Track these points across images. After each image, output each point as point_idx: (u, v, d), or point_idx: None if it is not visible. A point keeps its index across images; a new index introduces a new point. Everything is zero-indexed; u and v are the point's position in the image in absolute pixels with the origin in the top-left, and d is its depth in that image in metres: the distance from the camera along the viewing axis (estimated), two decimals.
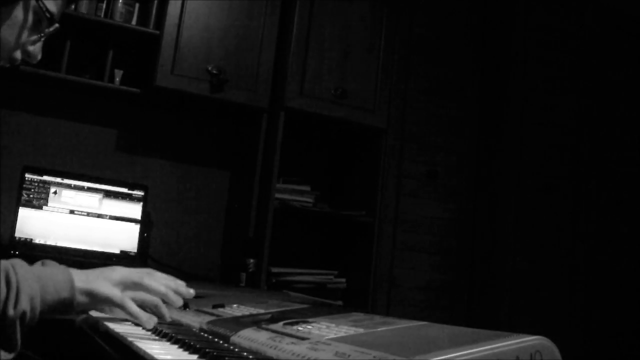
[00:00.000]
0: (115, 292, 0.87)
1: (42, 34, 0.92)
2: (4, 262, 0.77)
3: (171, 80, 2.32)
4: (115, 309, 0.95)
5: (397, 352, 0.60)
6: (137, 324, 1.05)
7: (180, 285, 0.97)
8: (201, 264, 2.63)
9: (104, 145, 2.57)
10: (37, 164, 2.31)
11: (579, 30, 3.13)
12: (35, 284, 0.78)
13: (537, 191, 2.94)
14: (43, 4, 0.88)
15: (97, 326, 0.99)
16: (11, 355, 0.74)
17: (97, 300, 0.86)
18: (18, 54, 0.91)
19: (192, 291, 0.96)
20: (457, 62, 3.07)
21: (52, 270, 0.84)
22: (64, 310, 0.83)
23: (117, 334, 0.93)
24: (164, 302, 0.97)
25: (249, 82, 2.45)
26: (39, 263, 0.89)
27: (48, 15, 0.89)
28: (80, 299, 0.84)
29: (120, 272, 0.91)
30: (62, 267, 0.85)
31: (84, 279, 0.85)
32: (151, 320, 0.91)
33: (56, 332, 1.08)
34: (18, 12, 0.86)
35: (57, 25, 0.92)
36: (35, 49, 0.93)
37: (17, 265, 0.78)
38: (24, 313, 0.75)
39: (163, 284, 0.94)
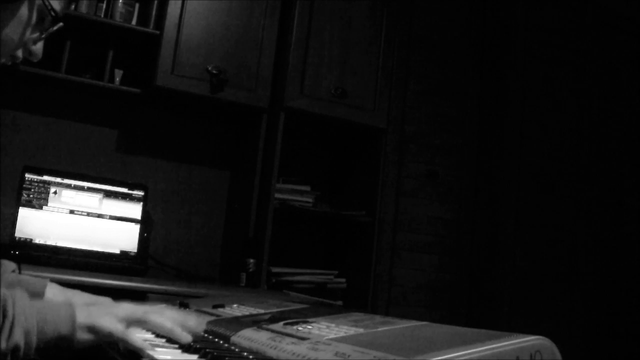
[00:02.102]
0: (117, 327, 0.84)
1: (45, 32, 0.92)
2: (5, 292, 0.76)
3: (171, 80, 2.32)
4: None
5: (397, 352, 0.60)
6: None
7: (190, 320, 0.91)
8: (201, 264, 2.63)
9: (104, 145, 2.57)
10: (37, 164, 2.31)
11: (579, 30, 3.13)
12: (32, 318, 0.76)
13: (537, 191, 2.94)
14: (48, 2, 0.87)
15: None
16: None
17: (99, 335, 0.83)
18: (20, 52, 0.91)
19: (202, 326, 0.91)
20: (457, 62, 3.07)
21: (54, 306, 0.82)
22: (64, 346, 0.81)
23: None
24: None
25: (249, 82, 2.45)
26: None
27: (53, 13, 0.89)
28: (81, 335, 0.81)
29: (125, 308, 0.88)
30: (66, 303, 0.84)
31: (86, 315, 0.83)
32: (151, 351, 0.87)
33: None
34: (23, 11, 0.86)
35: (61, 23, 0.91)
36: (38, 47, 0.93)
37: (18, 297, 0.76)
38: (16, 347, 0.73)
39: (169, 318, 0.89)
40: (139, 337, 0.87)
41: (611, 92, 3.19)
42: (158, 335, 0.94)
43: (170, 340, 0.87)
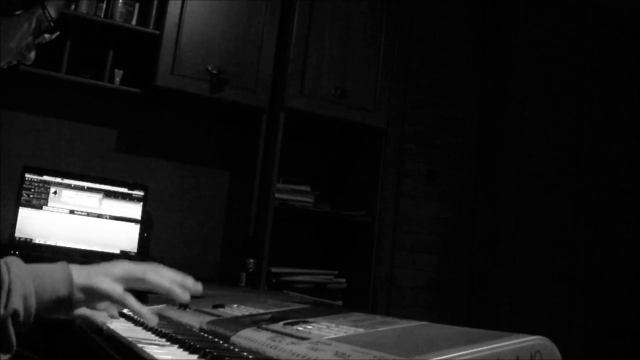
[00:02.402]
0: (116, 288, 0.83)
1: (40, 38, 0.94)
2: None
3: (171, 80, 2.32)
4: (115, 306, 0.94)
5: (397, 352, 0.60)
6: (136, 324, 1.05)
7: (188, 280, 0.91)
8: (201, 264, 2.63)
9: (104, 145, 2.57)
10: (37, 164, 2.31)
11: (579, 30, 3.13)
12: (29, 282, 0.75)
13: (537, 191, 2.94)
14: (48, 12, 0.90)
15: (96, 326, 0.99)
16: (7, 356, 0.72)
17: (97, 296, 0.83)
18: (15, 57, 0.93)
19: (200, 287, 0.90)
20: (457, 62, 3.07)
21: (50, 267, 0.80)
22: (62, 308, 0.80)
23: (117, 334, 0.93)
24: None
25: (249, 82, 2.45)
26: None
27: (52, 24, 0.91)
28: (79, 296, 0.81)
29: (122, 267, 0.86)
30: (62, 264, 0.82)
31: (84, 275, 0.81)
32: (155, 318, 0.88)
33: (55, 332, 1.08)
34: (25, 21, 0.89)
35: (58, 32, 0.94)
36: (32, 52, 0.95)
37: (12, 264, 0.75)
38: (16, 312, 0.72)
39: (168, 277, 0.89)
40: (139, 336, 0.88)
41: (611, 92, 3.19)
42: (155, 332, 0.94)
43: (171, 338, 0.87)
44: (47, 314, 0.79)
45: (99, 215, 2.31)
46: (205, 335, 0.92)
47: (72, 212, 2.27)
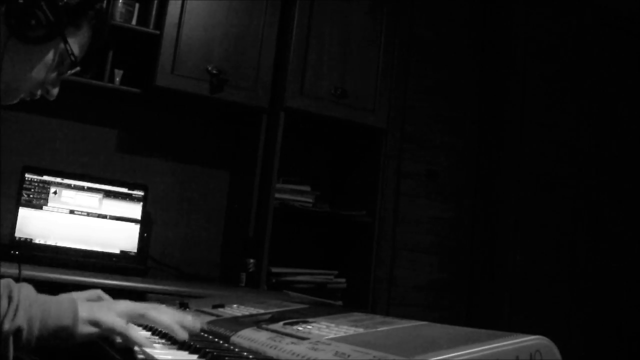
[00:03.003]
0: (118, 321, 0.87)
1: (63, 74, 0.99)
2: (11, 282, 0.79)
3: (171, 80, 2.32)
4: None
5: (397, 352, 0.60)
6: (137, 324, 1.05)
7: (187, 318, 0.94)
8: (201, 264, 2.63)
9: (104, 145, 2.57)
10: (37, 164, 2.31)
11: (579, 30, 3.13)
12: (37, 306, 0.79)
13: (537, 191, 2.94)
14: (70, 47, 0.94)
15: None
16: None
17: (101, 329, 0.86)
18: (39, 91, 0.99)
19: (198, 325, 0.93)
20: (457, 62, 3.07)
21: (57, 298, 0.85)
22: (66, 338, 0.83)
23: None
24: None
25: (249, 82, 2.45)
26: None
27: (73, 58, 0.96)
28: (83, 328, 0.84)
29: (126, 305, 0.91)
30: (70, 297, 0.86)
31: (88, 308, 0.86)
32: (151, 343, 0.89)
33: None
34: (49, 54, 0.93)
35: (78, 68, 0.99)
36: (55, 89, 1.01)
37: (23, 287, 0.80)
38: (19, 329, 0.76)
39: (168, 315, 0.93)
40: (139, 334, 0.88)
41: (611, 92, 3.19)
42: (155, 333, 0.94)
43: (170, 339, 0.87)
44: (49, 342, 0.82)
45: (99, 215, 2.31)
46: (205, 335, 0.92)
47: (72, 212, 2.27)
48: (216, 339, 0.86)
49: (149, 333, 0.95)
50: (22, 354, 0.83)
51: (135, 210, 2.36)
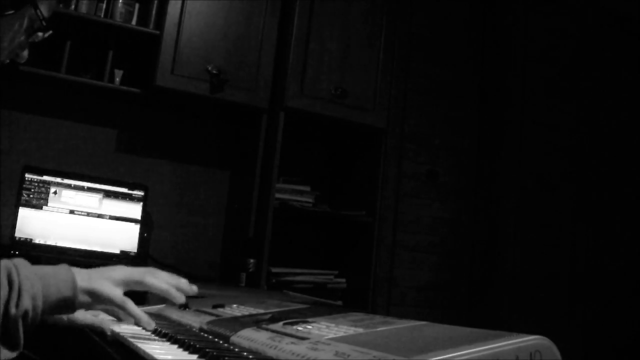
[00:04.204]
0: (116, 293, 0.87)
1: (31, 37, 0.95)
2: (7, 262, 0.77)
3: (171, 80, 2.32)
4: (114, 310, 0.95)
5: (397, 352, 0.60)
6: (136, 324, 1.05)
7: (183, 282, 0.97)
8: (201, 264, 2.63)
9: (104, 145, 2.57)
10: (37, 164, 2.31)
11: (579, 30, 3.13)
12: (37, 283, 0.78)
13: (537, 191, 2.94)
14: (40, 12, 0.91)
15: (101, 330, 1.00)
16: (13, 354, 0.74)
17: (99, 300, 0.86)
18: (7, 56, 0.95)
19: (194, 288, 0.95)
20: (457, 62, 3.07)
21: (55, 270, 0.84)
22: (65, 309, 0.83)
23: (117, 334, 0.93)
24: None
25: (249, 82, 2.45)
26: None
27: (44, 23, 0.92)
28: (82, 298, 0.84)
29: (122, 272, 0.91)
30: (65, 266, 0.85)
31: (86, 278, 0.85)
32: (152, 322, 0.91)
33: (56, 332, 1.08)
34: (17, 19, 0.90)
35: (51, 31, 0.95)
36: (25, 51, 0.97)
37: (20, 265, 0.78)
38: (26, 312, 0.75)
39: (165, 281, 0.94)
40: (134, 331, 0.89)
41: (611, 92, 3.19)
42: (156, 333, 0.95)
43: (171, 339, 0.87)
44: (51, 314, 0.82)
45: (99, 215, 2.31)
46: (205, 335, 0.92)
47: (72, 212, 2.27)
48: (216, 339, 0.86)
49: (150, 332, 0.95)
50: (24, 350, 0.83)
51: (135, 210, 2.36)
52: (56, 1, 0.98)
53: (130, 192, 2.37)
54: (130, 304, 0.88)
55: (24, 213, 2.19)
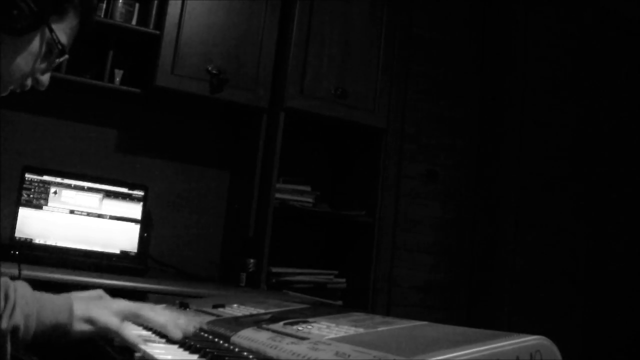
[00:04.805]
0: (113, 320, 0.88)
1: (52, 64, 0.97)
2: (7, 280, 0.79)
3: (171, 80, 2.32)
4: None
5: (397, 352, 0.60)
6: (135, 323, 1.05)
7: (182, 319, 0.96)
8: (201, 264, 2.63)
9: (104, 145, 2.57)
10: (37, 164, 2.31)
11: (579, 30, 3.13)
12: (33, 304, 0.80)
13: (537, 191, 2.94)
14: (56, 36, 0.92)
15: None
16: None
17: (96, 327, 0.87)
18: (29, 81, 0.96)
19: (191, 327, 0.93)
20: (457, 62, 3.07)
21: (53, 296, 0.86)
22: (61, 335, 0.84)
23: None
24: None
25: (249, 82, 2.45)
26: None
27: (60, 47, 0.94)
28: (78, 325, 0.85)
29: (120, 303, 0.92)
30: (65, 295, 0.87)
31: (84, 307, 0.87)
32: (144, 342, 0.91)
33: None
34: (35, 43, 0.91)
35: (66, 56, 0.97)
36: (45, 77, 0.98)
37: (19, 285, 0.81)
38: (16, 327, 0.77)
39: (162, 314, 0.94)
40: (136, 332, 0.89)
41: (611, 92, 3.19)
42: (156, 332, 0.94)
43: (169, 339, 0.87)
44: (45, 339, 0.83)
45: (99, 215, 2.31)
46: (206, 335, 0.92)
47: (72, 212, 2.27)
48: (216, 339, 0.86)
49: (150, 332, 0.95)
50: (20, 354, 0.84)
51: (135, 210, 2.36)
52: (76, 26, 0.98)
53: (130, 192, 2.37)
54: (126, 331, 0.87)
55: (24, 213, 2.19)
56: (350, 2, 2.61)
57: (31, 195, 2.21)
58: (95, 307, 0.88)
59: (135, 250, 2.34)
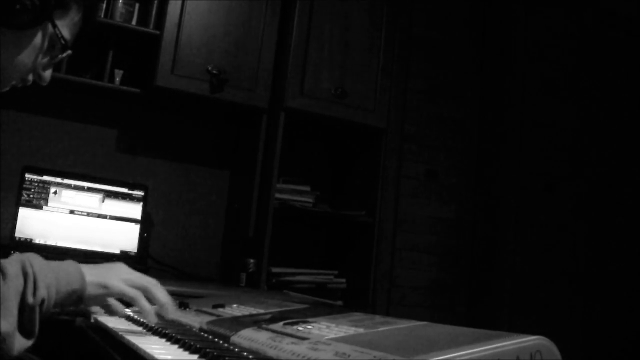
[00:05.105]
0: (128, 289, 0.91)
1: (55, 59, 0.97)
2: (19, 255, 0.80)
3: (171, 80, 2.32)
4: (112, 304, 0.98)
5: (397, 352, 0.60)
6: (137, 324, 1.06)
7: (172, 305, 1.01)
8: (201, 264, 2.63)
9: (104, 145, 2.57)
10: (37, 164, 2.31)
11: (579, 30, 3.13)
12: (51, 274, 0.82)
13: (537, 191, 2.94)
14: (59, 31, 0.93)
15: (97, 324, 1.00)
16: (29, 343, 0.76)
17: (109, 293, 0.90)
18: (31, 77, 0.97)
19: (171, 316, 0.99)
20: (457, 62, 3.07)
21: (63, 263, 0.87)
22: (75, 301, 0.86)
23: (117, 333, 0.93)
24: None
25: (249, 82, 2.45)
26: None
27: (63, 42, 0.94)
28: (92, 291, 0.88)
29: (128, 272, 0.94)
30: (71, 262, 0.88)
31: (95, 273, 0.89)
32: (155, 318, 0.95)
33: (56, 332, 1.08)
34: (37, 38, 0.91)
35: (69, 51, 0.97)
36: (47, 72, 0.99)
37: (32, 257, 0.82)
38: (42, 300, 0.78)
39: (166, 296, 0.98)
40: (120, 326, 0.91)
41: (611, 92, 3.19)
42: (156, 332, 0.95)
43: (171, 340, 0.87)
44: (62, 307, 0.86)
45: (99, 215, 2.31)
46: (205, 335, 0.92)
47: (72, 212, 2.27)
48: (216, 339, 0.86)
49: (150, 332, 0.95)
50: (20, 354, 0.84)
51: (135, 210, 2.36)
52: (79, 21, 0.98)
53: (130, 192, 2.37)
54: (141, 299, 0.92)
55: (24, 213, 2.19)
56: (350, 2, 2.61)
57: (31, 195, 2.21)
58: (106, 274, 0.90)
59: (135, 251, 2.34)
